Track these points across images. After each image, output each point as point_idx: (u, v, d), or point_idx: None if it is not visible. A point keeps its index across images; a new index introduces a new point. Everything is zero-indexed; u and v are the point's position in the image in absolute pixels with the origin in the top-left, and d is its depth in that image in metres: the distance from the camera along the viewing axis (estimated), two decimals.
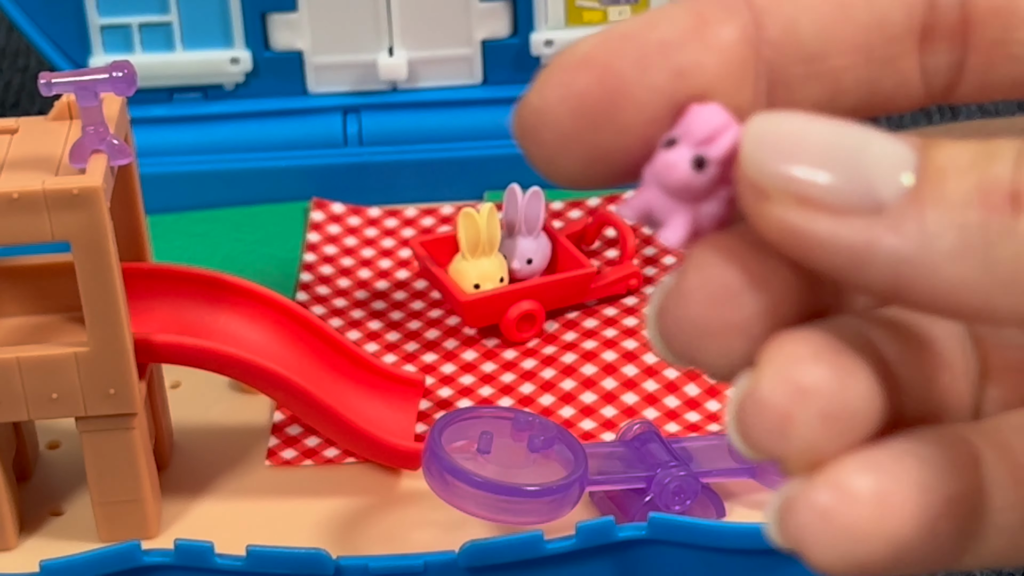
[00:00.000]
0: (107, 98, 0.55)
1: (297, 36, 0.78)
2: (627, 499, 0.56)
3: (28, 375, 0.55)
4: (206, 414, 0.65)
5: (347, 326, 0.70)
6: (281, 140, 0.79)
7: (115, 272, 0.53)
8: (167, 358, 0.58)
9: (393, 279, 0.73)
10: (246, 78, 0.79)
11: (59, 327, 0.59)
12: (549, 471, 0.47)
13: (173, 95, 0.79)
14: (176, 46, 0.78)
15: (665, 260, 0.72)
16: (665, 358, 0.26)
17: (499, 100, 0.79)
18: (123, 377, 0.55)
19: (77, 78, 0.53)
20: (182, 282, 0.60)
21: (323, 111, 0.79)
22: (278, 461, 0.62)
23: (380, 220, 0.77)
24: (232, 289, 0.61)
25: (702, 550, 0.54)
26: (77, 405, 0.55)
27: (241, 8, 0.77)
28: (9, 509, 0.58)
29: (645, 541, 0.54)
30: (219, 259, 0.74)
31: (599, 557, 0.54)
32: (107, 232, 0.53)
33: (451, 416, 0.56)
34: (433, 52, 0.79)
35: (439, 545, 0.55)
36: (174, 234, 0.76)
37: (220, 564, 0.54)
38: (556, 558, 0.53)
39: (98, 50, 0.78)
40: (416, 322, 0.70)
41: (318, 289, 0.72)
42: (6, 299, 0.59)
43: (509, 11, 0.78)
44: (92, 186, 0.52)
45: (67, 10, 0.77)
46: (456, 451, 0.50)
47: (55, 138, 0.55)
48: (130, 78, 0.53)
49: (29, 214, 0.52)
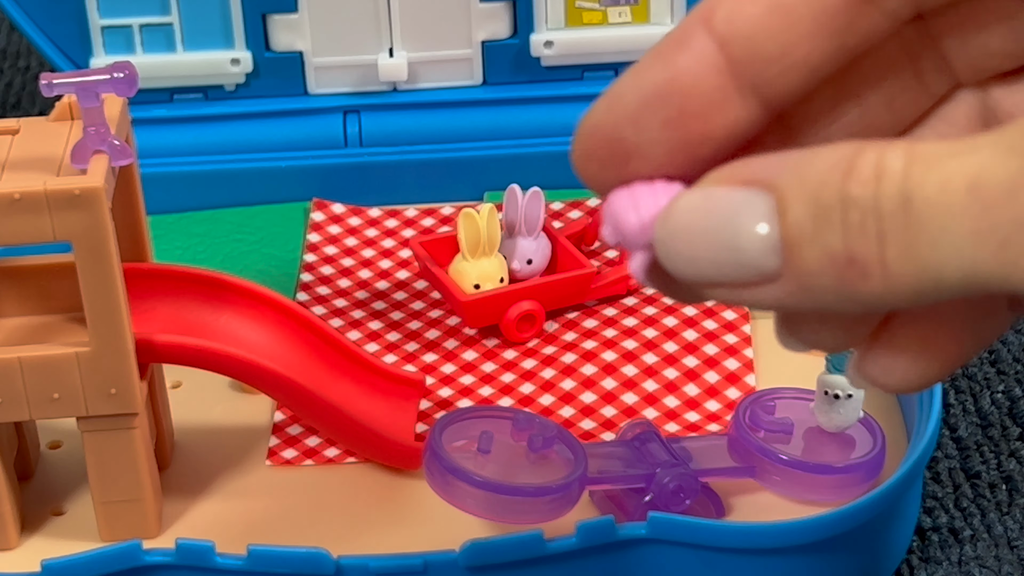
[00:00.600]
0: (108, 99, 0.55)
1: (298, 37, 0.78)
2: (627, 499, 0.56)
3: (30, 375, 0.55)
4: (207, 414, 0.65)
5: (347, 326, 0.70)
6: (281, 141, 0.79)
7: (116, 272, 0.54)
8: (168, 358, 0.58)
9: (393, 279, 0.73)
10: (247, 79, 0.79)
11: (60, 327, 0.59)
12: (549, 471, 0.47)
13: (174, 96, 0.79)
14: (177, 47, 0.78)
15: None
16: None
17: (499, 101, 0.79)
18: (124, 377, 0.55)
19: (78, 79, 0.53)
20: (183, 282, 0.60)
21: (323, 112, 0.79)
22: (279, 461, 0.62)
23: (380, 220, 0.77)
24: (233, 289, 0.61)
25: (702, 549, 0.54)
26: (78, 405, 0.56)
27: (242, 9, 0.77)
28: (10, 509, 0.58)
29: (645, 540, 0.54)
30: (220, 259, 0.74)
31: (599, 556, 0.54)
32: (108, 232, 0.53)
33: (451, 416, 0.56)
34: (433, 53, 0.79)
35: (439, 544, 0.55)
36: (175, 234, 0.76)
37: (221, 564, 0.54)
38: (556, 557, 0.53)
39: (99, 51, 0.78)
40: (416, 322, 0.70)
41: (319, 289, 0.72)
42: (8, 299, 0.59)
43: (509, 12, 0.78)
44: (93, 187, 0.52)
45: (68, 11, 0.77)
46: (456, 451, 0.50)
47: (56, 139, 0.55)
48: (131, 79, 0.53)
49: (31, 214, 0.52)
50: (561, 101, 0.79)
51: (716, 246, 0.30)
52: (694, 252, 0.31)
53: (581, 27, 0.78)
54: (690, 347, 0.67)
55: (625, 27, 0.78)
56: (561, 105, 0.79)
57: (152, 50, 0.78)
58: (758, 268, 0.30)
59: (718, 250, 0.30)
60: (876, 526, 0.55)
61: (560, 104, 0.79)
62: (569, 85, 0.79)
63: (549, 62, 0.79)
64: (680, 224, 0.31)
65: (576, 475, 0.48)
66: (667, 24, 0.78)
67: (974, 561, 0.58)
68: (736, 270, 0.30)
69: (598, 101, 0.32)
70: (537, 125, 0.79)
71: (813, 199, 0.29)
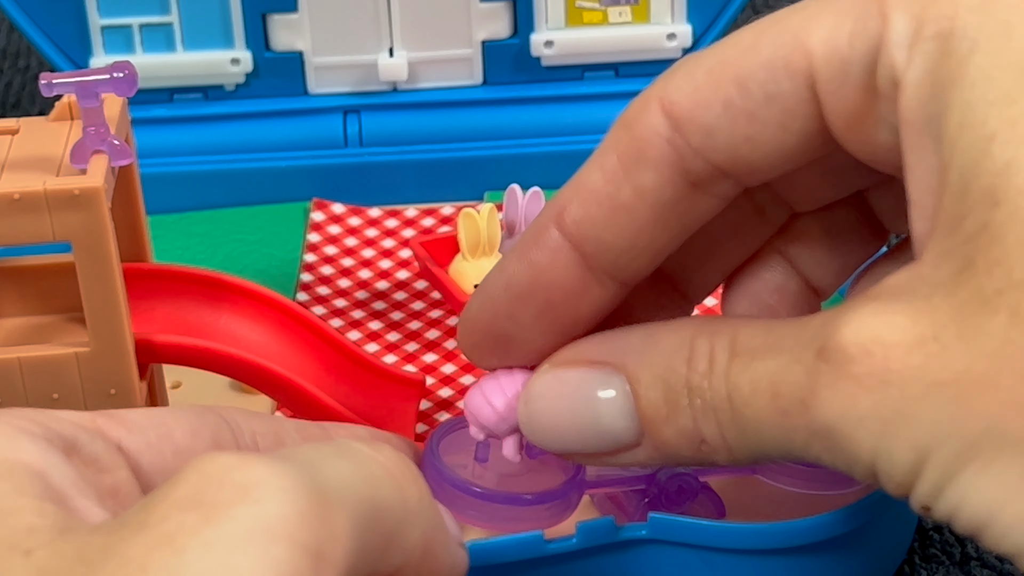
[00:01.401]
0: (108, 99, 0.55)
1: (297, 37, 0.78)
2: (627, 499, 0.56)
3: (29, 375, 0.55)
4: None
5: (347, 326, 0.70)
6: (281, 141, 0.79)
7: (116, 273, 0.53)
8: (168, 358, 0.58)
9: (394, 279, 0.73)
10: (247, 79, 0.79)
11: (60, 327, 0.59)
12: (548, 477, 0.47)
13: (174, 95, 0.79)
14: (177, 47, 0.78)
15: None
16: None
17: (499, 101, 0.79)
18: (124, 377, 0.55)
19: (78, 79, 0.53)
20: (183, 282, 0.60)
21: (323, 111, 0.79)
22: None
23: (380, 220, 0.77)
24: (233, 289, 0.61)
25: (703, 550, 0.54)
26: (78, 405, 0.56)
27: (241, 9, 0.77)
28: None
29: (645, 541, 0.54)
30: (220, 259, 0.74)
31: (600, 557, 0.54)
32: (108, 233, 0.53)
33: (448, 426, 0.56)
34: (433, 53, 0.79)
35: None
36: (175, 234, 0.76)
37: None
38: (557, 558, 0.53)
39: (99, 51, 0.78)
40: (416, 322, 0.70)
41: (319, 289, 0.72)
42: (7, 299, 0.59)
43: (509, 12, 0.78)
44: (93, 187, 0.52)
45: (68, 11, 0.77)
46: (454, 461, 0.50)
47: (56, 139, 0.55)
48: (131, 79, 0.53)
49: (30, 214, 0.52)
50: (561, 101, 0.79)
51: (578, 425, 0.35)
52: (559, 431, 0.35)
53: (581, 27, 0.78)
54: None
55: (625, 27, 0.78)
56: (561, 105, 0.79)
57: (152, 50, 0.78)
58: (620, 440, 0.34)
59: (581, 428, 0.35)
60: (876, 526, 0.55)
61: (560, 104, 0.79)
62: (569, 85, 0.79)
63: (549, 62, 0.79)
64: (540, 407, 0.35)
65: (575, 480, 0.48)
66: (667, 24, 0.78)
67: (974, 561, 0.58)
68: (600, 443, 0.35)
69: (472, 299, 0.36)
70: (537, 125, 0.79)
71: (663, 383, 0.33)
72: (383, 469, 0.32)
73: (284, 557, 0.28)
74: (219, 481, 0.29)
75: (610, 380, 0.34)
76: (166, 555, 0.27)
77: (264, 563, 0.27)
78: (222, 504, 0.28)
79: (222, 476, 0.29)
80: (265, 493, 0.28)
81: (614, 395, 0.34)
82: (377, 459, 0.33)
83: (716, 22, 0.79)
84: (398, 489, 0.33)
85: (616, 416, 0.34)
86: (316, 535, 0.28)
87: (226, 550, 0.27)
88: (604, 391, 0.34)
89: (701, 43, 0.79)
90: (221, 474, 0.29)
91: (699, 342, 0.33)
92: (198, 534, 0.27)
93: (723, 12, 0.79)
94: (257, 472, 0.29)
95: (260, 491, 0.28)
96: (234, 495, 0.28)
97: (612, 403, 0.34)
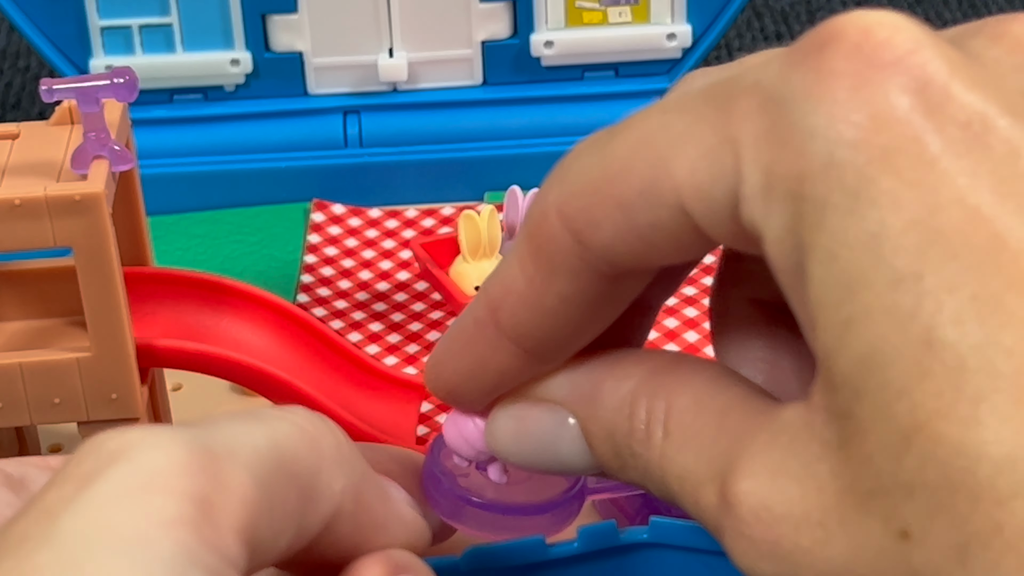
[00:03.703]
0: (108, 103, 0.55)
1: (297, 37, 0.78)
2: (629, 503, 0.56)
3: (30, 380, 0.55)
4: (208, 417, 0.65)
5: (348, 328, 0.70)
6: (281, 141, 0.79)
7: (117, 277, 0.53)
8: (169, 362, 0.58)
9: (394, 281, 0.73)
10: (246, 79, 0.79)
11: (61, 332, 0.59)
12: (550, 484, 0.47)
13: (173, 96, 0.79)
14: (176, 47, 0.78)
15: None
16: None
17: (499, 101, 0.79)
18: (125, 382, 0.55)
19: (78, 84, 0.53)
20: (183, 286, 0.60)
21: (323, 112, 0.79)
22: None
23: (381, 221, 0.77)
24: (233, 293, 0.61)
25: (704, 553, 0.54)
26: (79, 410, 0.56)
27: (241, 9, 0.77)
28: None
29: (647, 545, 0.54)
30: (220, 260, 0.74)
31: (601, 561, 0.54)
32: (109, 238, 0.53)
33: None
34: (433, 53, 0.79)
35: (440, 549, 0.55)
36: (175, 235, 0.76)
37: None
38: (558, 562, 0.53)
39: (98, 52, 0.78)
40: (417, 324, 0.70)
41: (319, 291, 0.72)
42: (8, 304, 0.59)
43: (509, 12, 0.78)
44: (94, 192, 0.52)
45: (67, 12, 0.77)
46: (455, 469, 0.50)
47: (56, 144, 0.55)
48: (131, 84, 0.53)
49: (31, 220, 0.52)
50: (561, 101, 0.79)
51: (543, 459, 0.37)
52: (528, 461, 0.37)
53: (581, 27, 0.78)
54: (691, 349, 0.67)
55: (625, 27, 0.78)
56: (561, 105, 0.79)
57: (152, 51, 0.78)
58: (587, 469, 0.36)
59: (546, 462, 0.37)
60: None
61: (560, 104, 0.79)
62: (569, 85, 0.79)
63: (549, 62, 0.79)
64: (503, 443, 0.37)
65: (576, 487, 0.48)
66: (667, 24, 0.78)
67: None
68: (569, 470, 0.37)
69: (427, 367, 0.38)
70: (537, 125, 0.79)
71: (610, 440, 0.35)
72: (290, 424, 0.33)
73: (164, 505, 0.28)
74: (96, 452, 0.29)
75: (565, 418, 0.36)
76: (42, 525, 0.28)
77: (142, 513, 0.28)
78: (96, 470, 0.29)
79: (98, 448, 0.30)
80: (139, 452, 0.29)
81: (571, 435, 0.36)
82: (286, 417, 0.33)
83: (716, 22, 0.79)
84: (309, 440, 0.33)
85: (576, 453, 0.36)
86: (199, 484, 0.29)
87: (100, 509, 0.28)
88: (560, 430, 0.36)
89: (701, 43, 0.79)
90: (97, 446, 0.30)
91: (638, 406, 0.34)
92: (73, 500, 0.28)
93: (723, 12, 0.79)
94: (131, 436, 0.30)
95: (134, 452, 0.29)
96: (108, 460, 0.29)
97: (571, 443, 0.36)
